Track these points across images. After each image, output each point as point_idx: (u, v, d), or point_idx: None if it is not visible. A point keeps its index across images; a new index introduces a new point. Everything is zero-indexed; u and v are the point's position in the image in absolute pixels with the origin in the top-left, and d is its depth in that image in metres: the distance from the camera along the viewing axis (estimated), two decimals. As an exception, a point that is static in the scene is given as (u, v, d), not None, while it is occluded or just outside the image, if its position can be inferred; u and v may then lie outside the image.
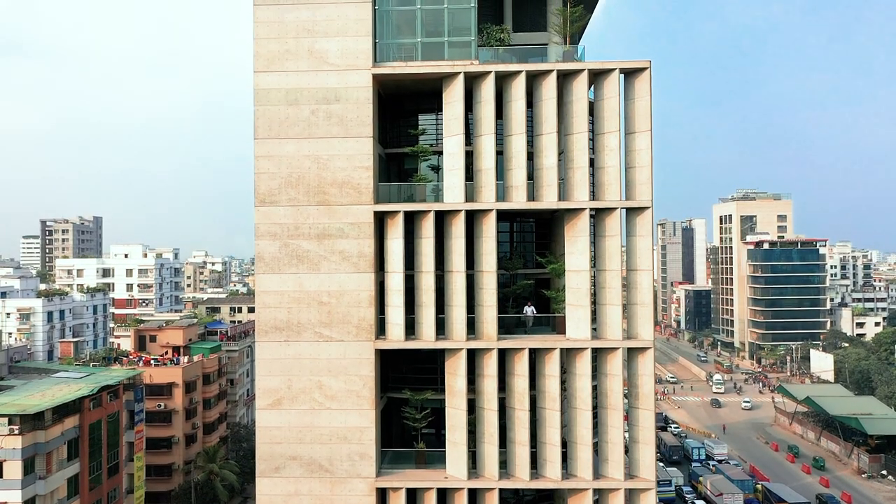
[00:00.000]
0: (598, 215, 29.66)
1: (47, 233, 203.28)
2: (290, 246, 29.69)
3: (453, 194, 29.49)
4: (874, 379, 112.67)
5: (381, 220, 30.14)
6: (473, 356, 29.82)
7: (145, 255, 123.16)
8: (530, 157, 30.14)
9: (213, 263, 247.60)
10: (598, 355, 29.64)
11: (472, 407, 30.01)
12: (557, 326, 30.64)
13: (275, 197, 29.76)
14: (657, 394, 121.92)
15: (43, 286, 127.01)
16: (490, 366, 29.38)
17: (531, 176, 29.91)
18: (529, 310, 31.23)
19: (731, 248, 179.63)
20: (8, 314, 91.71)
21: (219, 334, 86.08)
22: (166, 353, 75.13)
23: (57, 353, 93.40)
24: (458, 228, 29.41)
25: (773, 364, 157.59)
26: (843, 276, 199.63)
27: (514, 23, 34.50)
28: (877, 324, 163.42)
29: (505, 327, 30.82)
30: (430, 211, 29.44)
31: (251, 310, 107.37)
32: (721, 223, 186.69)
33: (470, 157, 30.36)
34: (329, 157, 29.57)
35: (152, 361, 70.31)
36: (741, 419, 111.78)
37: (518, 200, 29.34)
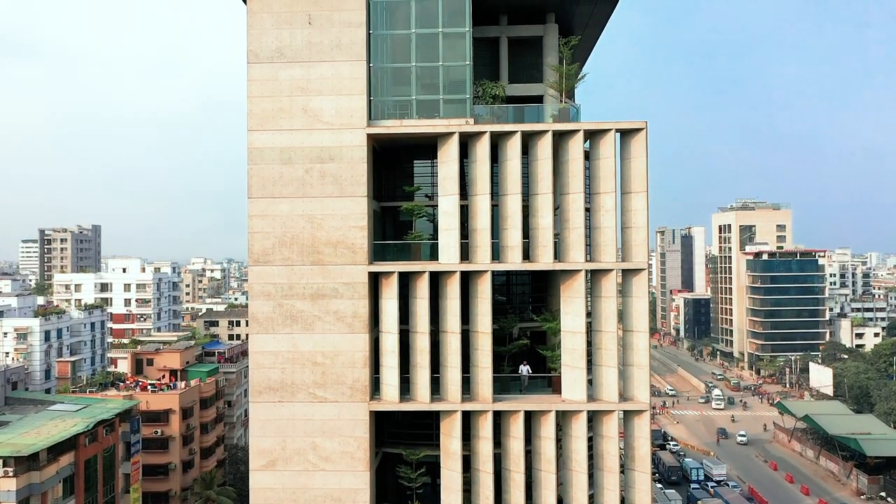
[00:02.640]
0: (594, 276, 29.53)
1: (46, 241, 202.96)
2: (285, 306, 29.52)
3: (448, 254, 29.31)
4: (873, 395, 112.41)
5: (375, 279, 29.98)
6: (468, 416, 29.66)
7: (143, 270, 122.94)
8: (526, 210, 29.95)
9: (211, 270, 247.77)
10: (593, 417, 29.49)
11: (468, 464, 29.87)
12: (554, 386, 30.47)
13: (269, 256, 29.59)
14: (655, 407, 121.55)
15: (41, 300, 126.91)
16: (485, 427, 29.21)
17: (527, 234, 29.77)
18: (525, 369, 31.04)
19: (730, 257, 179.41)
20: (5, 334, 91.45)
21: (216, 355, 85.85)
22: (163, 376, 74.90)
23: (54, 373, 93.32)
24: (453, 289, 29.24)
25: (772, 375, 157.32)
26: (843, 285, 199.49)
27: (510, 73, 34.32)
28: (876, 334, 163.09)
29: (501, 383, 30.67)
30: (424, 272, 29.26)
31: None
32: (720, 232, 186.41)
33: (466, 210, 30.18)
34: (323, 216, 29.40)
35: (149, 387, 70.03)
36: (740, 427, 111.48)
37: (513, 261, 29.20)
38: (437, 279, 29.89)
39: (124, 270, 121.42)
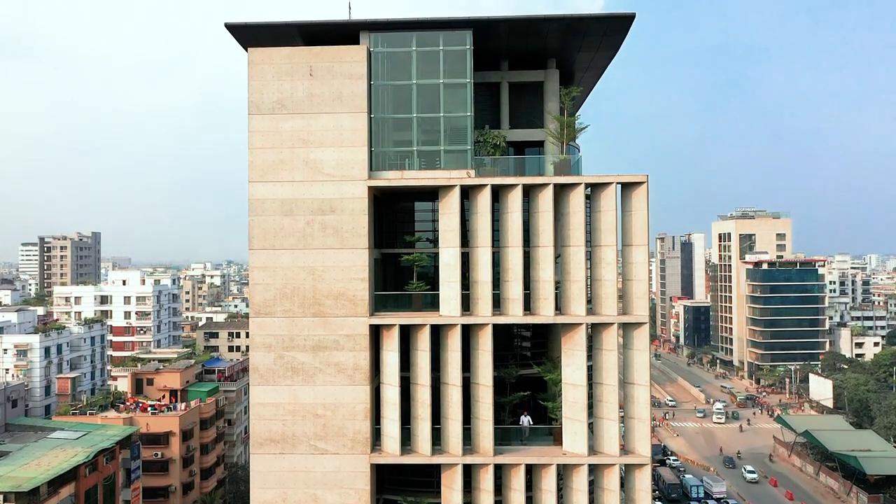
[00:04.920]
0: (595, 328, 29.51)
1: (46, 249, 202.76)
2: (285, 358, 29.52)
3: (449, 306, 29.29)
4: (873, 408, 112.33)
5: (376, 330, 29.97)
6: (469, 467, 29.64)
7: (143, 282, 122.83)
8: (527, 260, 29.88)
9: (211, 276, 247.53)
10: (594, 469, 29.46)
11: (469, 514, 29.88)
12: (555, 436, 30.45)
13: (270, 308, 29.58)
14: (655, 419, 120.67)
15: (41, 310, 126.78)
16: (486, 480, 29.21)
17: (528, 285, 29.74)
18: (526, 420, 31.04)
19: (730, 266, 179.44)
20: (5, 350, 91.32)
21: (216, 373, 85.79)
22: (163, 397, 74.83)
23: (54, 389, 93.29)
24: (454, 342, 29.22)
25: (772, 385, 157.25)
26: (842, 292, 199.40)
27: (511, 118, 34.31)
28: (875, 343, 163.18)
29: (502, 432, 30.65)
30: (426, 324, 29.25)
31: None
32: (720, 241, 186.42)
33: (466, 257, 30.13)
34: (324, 268, 29.40)
35: (149, 408, 69.96)
36: (740, 446, 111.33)
37: (515, 313, 29.17)
38: (437, 329, 29.89)
39: (124, 283, 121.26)
